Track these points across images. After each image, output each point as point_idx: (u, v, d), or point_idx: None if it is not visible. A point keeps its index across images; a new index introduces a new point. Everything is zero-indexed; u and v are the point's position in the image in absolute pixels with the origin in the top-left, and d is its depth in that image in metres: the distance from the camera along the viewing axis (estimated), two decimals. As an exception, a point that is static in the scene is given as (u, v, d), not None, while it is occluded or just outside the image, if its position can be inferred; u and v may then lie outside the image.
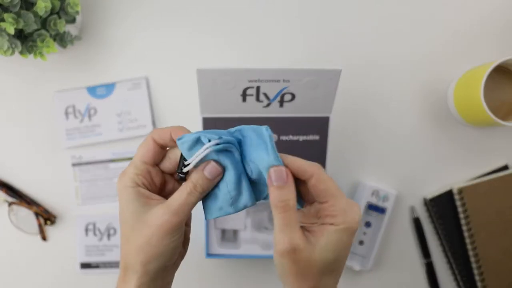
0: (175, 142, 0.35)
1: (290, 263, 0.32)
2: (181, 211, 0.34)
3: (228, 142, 0.34)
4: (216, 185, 0.35)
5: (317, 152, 0.54)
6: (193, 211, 0.59)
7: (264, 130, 0.34)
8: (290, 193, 0.32)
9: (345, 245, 0.33)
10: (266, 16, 0.62)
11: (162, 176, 0.37)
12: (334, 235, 0.32)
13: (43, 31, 0.53)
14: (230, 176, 0.34)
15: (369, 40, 0.62)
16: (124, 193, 0.34)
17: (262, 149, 0.34)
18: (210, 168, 0.34)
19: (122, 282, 0.34)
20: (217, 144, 0.33)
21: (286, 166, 0.33)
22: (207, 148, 0.33)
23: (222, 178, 0.35)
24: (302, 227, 0.33)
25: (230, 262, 0.63)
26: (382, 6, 0.62)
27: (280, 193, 0.32)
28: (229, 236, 0.61)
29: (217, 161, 0.34)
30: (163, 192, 0.37)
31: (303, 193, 0.36)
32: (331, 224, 0.33)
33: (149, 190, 0.35)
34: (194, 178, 0.34)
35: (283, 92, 0.50)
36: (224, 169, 0.35)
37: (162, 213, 0.33)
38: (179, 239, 0.35)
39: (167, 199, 0.34)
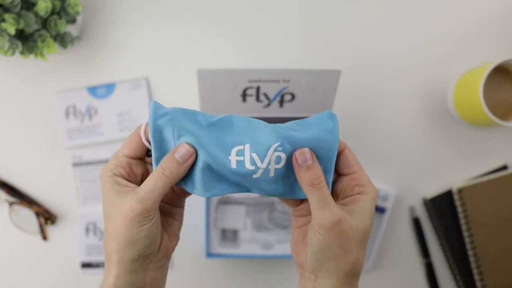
0: None
1: (336, 236, 0.32)
2: (147, 198, 0.32)
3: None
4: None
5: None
6: (193, 211, 0.59)
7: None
8: (319, 170, 0.34)
9: (373, 214, 0.35)
10: (266, 16, 0.62)
11: (145, 168, 0.37)
12: (368, 204, 0.34)
13: (43, 32, 0.53)
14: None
15: (369, 40, 0.62)
16: (102, 183, 0.34)
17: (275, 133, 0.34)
18: (182, 151, 0.33)
19: (106, 272, 0.34)
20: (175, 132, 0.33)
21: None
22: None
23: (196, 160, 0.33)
24: (341, 201, 0.35)
25: (230, 262, 0.63)
26: (382, 6, 0.62)
27: (312, 173, 0.33)
28: (229, 236, 0.61)
29: (189, 144, 0.33)
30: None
31: None
32: (361, 193, 0.35)
33: (127, 180, 0.35)
34: (163, 162, 0.33)
35: (283, 92, 0.50)
36: (196, 151, 0.33)
37: (128, 199, 0.32)
38: (150, 228, 0.33)
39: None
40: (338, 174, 0.37)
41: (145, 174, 0.37)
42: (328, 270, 0.34)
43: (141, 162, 0.36)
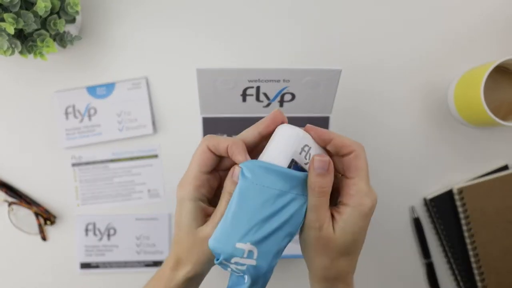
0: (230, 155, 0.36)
1: (314, 239, 0.35)
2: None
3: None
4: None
5: (317, 152, 0.54)
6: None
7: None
8: (329, 181, 0.35)
9: (361, 229, 0.36)
10: (266, 16, 0.62)
11: (219, 178, 0.38)
12: (350, 218, 0.35)
13: (43, 31, 0.53)
14: None
15: (369, 40, 0.62)
16: (182, 205, 0.36)
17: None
18: (236, 173, 0.35)
19: (173, 270, 0.37)
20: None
21: (330, 140, 0.36)
22: None
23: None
24: (333, 208, 0.36)
25: (230, 262, 0.62)
26: (382, 6, 0.62)
27: (322, 180, 0.34)
28: (229, 236, 0.60)
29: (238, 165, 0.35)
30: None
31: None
32: (347, 204, 0.35)
33: (208, 199, 0.37)
34: (226, 185, 0.35)
35: (283, 92, 0.50)
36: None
37: (209, 228, 0.35)
38: None
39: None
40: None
41: (220, 184, 0.38)
42: (310, 272, 0.38)
43: (215, 174, 0.38)
